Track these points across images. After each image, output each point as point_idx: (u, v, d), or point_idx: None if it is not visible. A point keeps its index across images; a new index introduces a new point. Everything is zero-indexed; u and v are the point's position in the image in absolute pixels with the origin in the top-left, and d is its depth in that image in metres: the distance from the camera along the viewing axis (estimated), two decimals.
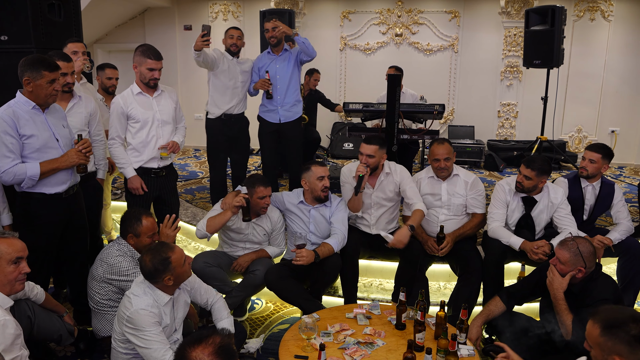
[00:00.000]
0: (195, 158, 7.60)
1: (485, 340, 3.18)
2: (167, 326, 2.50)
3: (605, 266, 3.84)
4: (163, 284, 2.45)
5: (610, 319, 1.87)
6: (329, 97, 6.49)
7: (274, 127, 4.55)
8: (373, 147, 3.47)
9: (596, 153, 3.53)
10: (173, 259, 2.43)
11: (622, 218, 3.54)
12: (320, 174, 3.41)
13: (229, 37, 4.45)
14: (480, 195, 3.59)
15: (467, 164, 6.99)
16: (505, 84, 7.61)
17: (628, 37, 7.21)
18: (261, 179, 3.42)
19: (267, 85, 4.37)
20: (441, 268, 3.84)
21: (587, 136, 7.57)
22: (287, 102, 4.48)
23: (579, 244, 2.64)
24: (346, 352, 2.55)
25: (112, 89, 4.38)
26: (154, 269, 2.41)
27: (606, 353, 1.85)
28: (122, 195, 5.45)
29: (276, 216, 3.59)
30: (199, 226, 3.39)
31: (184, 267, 2.50)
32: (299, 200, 3.54)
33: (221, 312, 2.80)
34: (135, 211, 2.96)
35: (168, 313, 2.51)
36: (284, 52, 4.47)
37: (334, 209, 3.50)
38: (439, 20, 7.62)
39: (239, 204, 3.29)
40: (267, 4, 7.56)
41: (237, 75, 4.46)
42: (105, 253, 2.95)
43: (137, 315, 2.37)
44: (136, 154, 3.47)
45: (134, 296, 2.44)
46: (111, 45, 8.27)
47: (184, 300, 2.68)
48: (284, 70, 4.43)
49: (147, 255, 2.45)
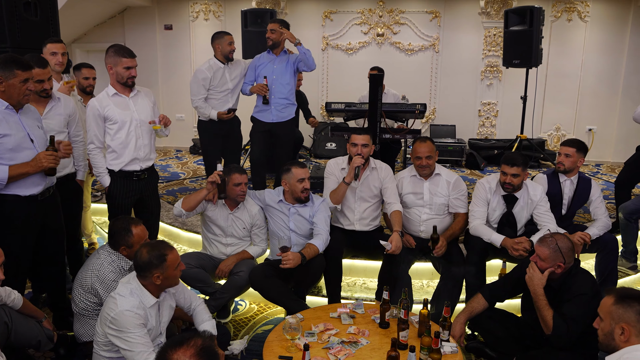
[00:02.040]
0: (177, 159, 7.54)
1: (468, 337, 3.21)
2: (152, 329, 2.47)
3: (583, 262, 3.91)
4: (151, 280, 2.41)
5: (626, 292, 2.04)
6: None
7: (266, 126, 4.56)
8: (366, 137, 3.54)
9: (570, 147, 3.61)
10: (169, 257, 2.43)
11: (600, 214, 3.60)
12: (301, 175, 3.42)
13: (227, 44, 4.47)
14: (462, 195, 3.63)
15: (449, 163, 7.06)
16: (485, 84, 7.70)
17: (604, 37, 7.36)
18: (237, 167, 3.47)
19: (265, 91, 4.40)
20: (424, 266, 3.86)
21: (565, 134, 7.70)
22: (280, 102, 4.49)
23: (558, 240, 2.68)
24: (330, 351, 2.55)
25: (89, 89, 4.31)
26: (148, 261, 2.39)
27: (615, 321, 1.99)
28: (103, 197, 5.37)
29: (255, 210, 3.59)
30: (177, 204, 3.42)
31: (175, 271, 2.49)
32: (279, 198, 3.55)
33: (202, 315, 2.78)
34: (123, 222, 2.86)
35: (154, 315, 2.48)
36: (283, 54, 4.49)
37: (316, 208, 3.51)
38: (420, 21, 7.67)
39: (213, 180, 3.32)
40: (248, 4, 7.54)
41: (226, 83, 4.54)
42: (97, 263, 2.85)
43: (121, 317, 2.34)
44: (115, 155, 3.40)
45: (119, 296, 2.41)
46: (90, 45, 8.15)
47: (170, 305, 2.65)
48: (281, 71, 4.45)
49: (145, 247, 2.44)
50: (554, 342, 2.60)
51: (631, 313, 1.94)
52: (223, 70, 4.51)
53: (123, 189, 3.45)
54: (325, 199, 3.61)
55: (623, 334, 1.96)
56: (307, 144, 7.51)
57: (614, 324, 1.98)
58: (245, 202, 3.57)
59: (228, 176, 3.42)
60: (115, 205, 3.47)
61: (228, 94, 4.57)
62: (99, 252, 2.91)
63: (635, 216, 3.81)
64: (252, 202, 3.62)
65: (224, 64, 4.51)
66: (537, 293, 2.67)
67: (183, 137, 7.99)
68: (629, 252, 4.00)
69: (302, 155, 7.12)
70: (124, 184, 3.44)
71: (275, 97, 4.47)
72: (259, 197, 3.65)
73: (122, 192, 3.45)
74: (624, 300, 1.97)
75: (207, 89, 4.49)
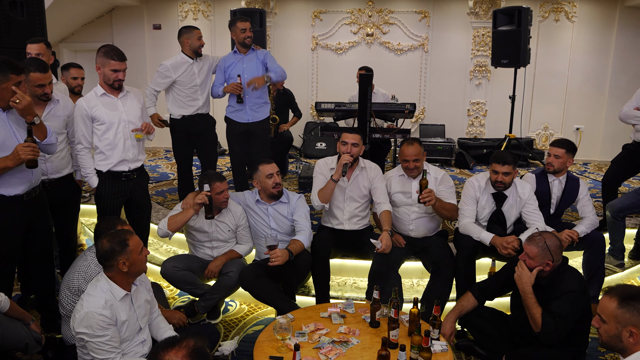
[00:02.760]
0: (166, 159, 7.50)
1: (458, 335, 3.23)
2: (126, 323, 2.41)
3: (571, 259, 3.94)
4: (118, 269, 2.36)
5: (627, 293, 1.97)
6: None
7: (242, 127, 4.53)
8: (357, 136, 3.55)
9: (560, 148, 3.63)
10: (131, 242, 2.39)
11: (588, 212, 3.64)
12: (269, 171, 3.44)
13: (197, 39, 4.40)
14: (450, 187, 3.65)
15: (438, 162, 7.08)
16: (474, 83, 7.74)
17: (590, 37, 7.43)
18: (215, 174, 3.44)
19: (239, 90, 4.33)
20: (414, 265, 3.87)
21: (553, 134, 7.76)
22: (255, 102, 4.47)
23: (546, 238, 2.70)
24: (321, 351, 2.55)
25: (78, 89, 4.28)
26: (110, 249, 2.34)
27: (622, 325, 1.94)
28: (91, 198, 5.33)
29: (239, 211, 3.58)
30: (161, 225, 3.38)
31: (140, 256, 2.43)
32: (256, 198, 3.56)
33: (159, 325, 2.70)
34: (109, 223, 2.81)
35: (126, 309, 2.41)
36: (250, 52, 4.46)
37: (294, 205, 3.53)
38: (409, 20, 7.70)
39: (201, 202, 3.28)
40: (237, 4, 7.51)
41: (195, 79, 4.45)
42: (84, 265, 2.82)
43: (87, 318, 2.29)
44: (103, 156, 3.37)
45: (87, 296, 2.36)
46: (78, 45, 8.07)
47: (145, 299, 2.58)
48: (251, 70, 4.42)
49: (105, 237, 2.40)
50: (542, 340, 2.62)
51: (637, 315, 1.91)
52: (191, 65, 4.43)
53: (111, 190, 3.41)
54: (301, 195, 3.62)
55: (632, 336, 1.93)
56: (297, 143, 7.51)
57: (621, 327, 1.94)
58: (228, 204, 3.55)
59: (205, 183, 3.36)
60: (104, 206, 3.44)
61: (197, 90, 4.47)
62: (85, 254, 2.88)
63: (622, 214, 3.85)
64: (234, 203, 3.60)
65: (192, 59, 4.43)
66: (525, 291, 2.69)
67: None
68: (616, 249, 4.04)
69: (292, 155, 7.12)
70: (113, 185, 3.41)
71: (249, 96, 4.43)
72: (240, 200, 3.65)
73: (110, 193, 3.42)
74: (628, 303, 1.93)
75: (167, 83, 4.41)
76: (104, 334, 2.30)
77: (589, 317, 2.81)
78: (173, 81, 4.41)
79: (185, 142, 4.58)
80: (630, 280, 4.14)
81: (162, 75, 4.41)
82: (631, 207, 3.80)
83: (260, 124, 4.56)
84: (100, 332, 2.29)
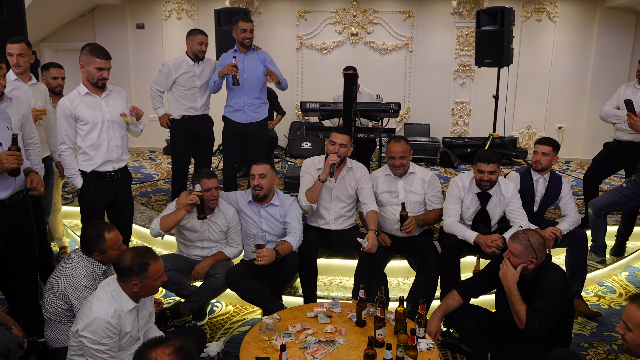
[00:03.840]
0: (151, 160, 7.43)
1: (444, 333, 3.25)
2: (129, 334, 2.42)
3: (554, 256, 3.99)
4: (129, 287, 2.38)
5: None
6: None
7: (239, 127, 4.53)
8: (346, 137, 3.53)
9: (547, 146, 3.67)
10: (151, 268, 2.38)
11: (570, 210, 3.69)
12: (252, 171, 3.44)
13: (198, 44, 4.44)
14: (438, 192, 3.68)
15: (423, 161, 7.13)
16: (458, 83, 7.80)
17: (572, 37, 7.53)
18: (205, 172, 3.44)
19: (234, 71, 4.24)
20: (400, 264, 3.89)
21: (536, 132, 7.86)
22: (253, 102, 4.46)
23: (530, 236, 2.73)
24: (307, 351, 2.55)
25: (58, 89, 4.21)
26: (129, 268, 2.35)
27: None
28: (74, 200, 5.27)
29: (231, 213, 3.56)
30: (153, 225, 3.37)
31: (156, 282, 2.44)
32: (248, 199, 3.54)
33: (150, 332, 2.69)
34: (96, 227, 2.78)
35: (131, 321, 2.43)
36: (251, 52, 4.45)
37: (287, 208, 3.51)
38: (393, 20, 7.73)
39: (193, 202, 3.27)
40: (221, 3, 7.47)
41: (195, 81, 4.50)
42: (70, 269, 2.76)
43: (94, 324, 2.29)
44: (87, 157, 3.32)
45: (97, 300, 2.36)
46: (59, 45, 7.96)
47: (149, 311, 2.61)
48: (252, 69, 4.42)
49: (131, 252, 2.40)
50: (527, 336, 2.65)
51: None
52: (192, 67, 4.48)
53: (96, 190, 3.38)
54: (295, 198, 3.61)
55: None
56: (282, 143, 7.50)
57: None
58: (220, 205, 3.53)
59: (196, 183, 3.38)
60: (88, 208, 3.39)
61: (196, 92, 4.52)
62: (71, 257, 2.83)
63: (604, 212, 3.90)
64: (226, 204, 3.59)
65: (194, 62, 4.48)
66: (510, 288, 2.72)
67: (156, 138, 7.86)
68: (598, 246, 4.10)
69: (277, 155, 7.11)
70: (97, 185, 3.37)
71: (247, 97, 4.44)
72: (232, 200, 3.63)
73: (95, 194, 3.38)
74: None
75: (170, 83, 4.47)
76: (106, 342, 2.31)
77: (571, 313, 2.86)
78: (174, 81, 4.46)
79: (184, 142, 4.62)
80: (611, 277, 4.21)
81: (164, 74, 4.49)
82: (613, 205, 3.85)
83: (258, 124, 4.56)
84: (104, 339, 2.30)
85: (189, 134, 4.58)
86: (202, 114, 4.61)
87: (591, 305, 3.70)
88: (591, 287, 4.03)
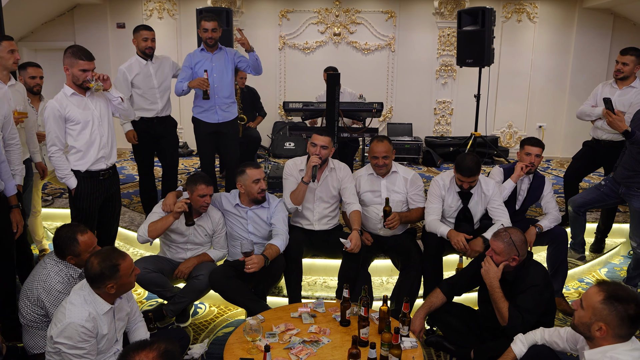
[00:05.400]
0: (132, 161, 7.34)
1: (427, 331, 3.27)
2: (106, 336, 2.39)
3: (535, 254, 4.05)
4: (105, 290, 2.34)
5: (616, 292, 2.02)
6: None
7: (211, 127, 4.45)
8: (327, 139, 3.52)
9: (538, 147, 3.69)
10: (122, 267, 2.33)
11: (551, 208, 3.73)
12: (256, 176, 3.40)
13: (142, 40, 4.29)
14: (420, 191, 3.69)
15: (406, 161, 7.16)
16: (440, 82, 7.86)
17: (551, 37, 7.64)
18: (204, 177, 3.39)
19: (206, 85, 4.17)
20: (383, 263, 3.91)
21: (517, 131, 7.95)
22: (224, 101, 4.41)
23: (511, 234, 2.76)
24: (292, 351, 2.54)
25: (36, 89, 4.14)
26: (100, 273, 2.29)
27: (595, 317, 2.02)
28: (54, 202, 5.19)
29: (217, 217, 3.54)
30: (140, 232, 3.33)
31: (130, 278, 2.40)
32: (236, 202, 3.52)
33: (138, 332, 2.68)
34: (68, 230, 2.72)
35: (107, 323, 2.39)
36: (218, 51, 4.37)
37: (273, 210, 3.50)
38: (376, 20, 7.75)
39: (181, 210, 3.23)
40: (203, 2, 7.42)
41: (151, 80, 4.35)
42: (44, 274, 2.70)
43: (68, 329, 2.25)
44: (80, 155, 3.31)
45: (70, 305, 2.31)
46: (38, 44, 7.83)
47: (126, 312, 2.57)
48: (220, 69, 4.34)
49: (96, 257, 2.33)
50: (509, 333, 2.67)
51: (613, 316, 1.98)
52: (146, 66, 4.34)
53: (90, 190, 3.37)
54: (281, 200, 3.60)
55: (600, 331, 2.01)
56: (265, 143, 7.48)
57: (594, 319, 2.02)
58: (208, 209, 3.50)
59: (193, 186, 3.33)
60: (83, 208, 3.37)
61: (155, 92, 4.37)
62: (45, 262, 2.75)
63: (583, 209, 3.96)
64: (214, 208, 3.55)
65: (147, 61, 4.34)
66: (493, 286, 2.75)
67: None
68: (578, 243, 4.16)
69: (260, 155, 7.08)
70: (91, 184, 3.37)
71: (218, 96, 4.35)
72: (217, 202, 3.61)
73: (89, 193, 3.37)
74: (612, 303, 1.99)
75: (129, 87, 4.30)
76: (83, 346, 2.27)
77: (552, 311, 2.89)
78: (131, 84, 4.30)
79: (145, 144, 4.47)
80: (591, 273, 4.28)
81: (120, 80, 4.29)
82: (592, 202, 3.91)
83: (229, 123, 4.50)
84: (80, 344, 2.26)
85: (149, 136, 4.43)
86: (163, 116, 4.44)
87: (571, 302, 3.75)
88: (571, 283, 4.10)
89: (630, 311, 1.97)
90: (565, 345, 2.39)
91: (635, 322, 1.98)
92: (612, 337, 2.02)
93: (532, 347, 2.50)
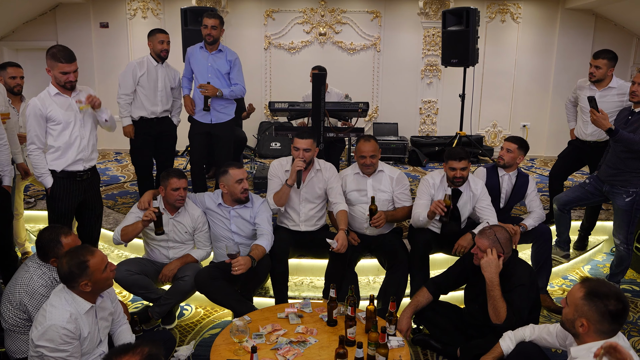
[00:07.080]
0: (117, 162, 7.27)
1: (414, 330, 3.28)
2: (88, 337, 2.35)
3: (520, 252, 4.08)
4: (80, 289, 2.30)
5: (597, 288, 2.05)
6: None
7: (205, 128, 4.47)
8: (309, 141, 3.50)
9: (513, 143, 3.76)
10: (91, 263, 2.28)
11: (535, 207, 3.77)
12: (239, 176, 3.39)
13: (159, 43, 4.34)
14: (406, 190, 3.70)
15: (392, 160, 7.18)
16: (425, 82, 7.89)
17: (535, 37, 7.72)
18: (176, 171, 3.40)
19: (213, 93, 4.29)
20: (370, 263, 3.91)
21: (501, 131, 8.02)
22: (219, 103, 4.41)
23: (496, 231, 2.79)
24: (279, 352, 2.53)
25: (17, 89, 4.08)
26: (69, 272, 2.26)
27: (578, 313, 2.05)
28: (36, 204, 5.11)
29: (197, 213, 3.52)
30: (115, 234, 3.35)
31: (105, 274, 2.35)
32: (219, 202, 3.50)
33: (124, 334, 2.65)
34: (52, 232, 2.67)
35: (89, 323, 2.35)
36: (218, 52, 4.38)
37: (257, 209, 3.49)
38: (361, 20, 7.77)
39: (148, 219, 3.21)
40: (188, 2, 7.36)
41: (157, 83, 4.40)
42: (26, 277, 2.64)
43: (50, 332, 2.21)
44: (58, 154, 3.28)
45: (50, 307, 2.27)
46: (19, 44, 7.70)
47: (109, 311, 2.53)
48: (218, 70, 4.36)
49: (64, 257, 2.29)
50: (499, 331, 2.67)
51: (594, 312, 2.01)
52: (156, 68, 4.39)
53: (66, 190, 3.34)
54: (265, 199, 3.58)
55: (582, 327, 2.04)
56: (251, 143, 7.45)
57: (577, 316, 2.05)
58: (186, 205, 3.49)
59: (165, 181, 3.34)
60: (59, 207, 3.33)
61: (157, 94, 4.41)
62: (27, 265, 2.69)
63: (568, 207, 4.01)
64: (193, 205, 3.54)
65: (158, 63, 4.39)
66: (493, 282, 2.71)
67: (122, 139, 7.59)
68: (562, 241, 4.21)
69: (246, 155, 7.05)
70: (67, 185, 3.34)
71: (213, 97, 4.38)
72: (199, 200, 3.58)
73: (65, 193, 3.34)
74: (592, 299, 2.02)
75: (134, 83, 4.34)
76: (65, 348, 2.22)
77: (538, 307, 2.92)
78: (137, 81, 4.33)
79: (143, 144, 4.50)
80: (575, 271, 4.33)
81: (129, 72, 4.33)
82: (576, 201, 3.96)
83: (223, 125, 4.51)
84: (62, 346, 2.21)
85: (148, 135, 4.47)
86: (161, 117, 4.49)
87: (556, 299, 3.79)
88: (556, 280, 4.14)
89: (611, 307, 1.99)
90: (554, 340, 2.41)
91: (617, 318, 2.00)
92: (595, 333, 2.04)
93: (519, 343, 2.52)
